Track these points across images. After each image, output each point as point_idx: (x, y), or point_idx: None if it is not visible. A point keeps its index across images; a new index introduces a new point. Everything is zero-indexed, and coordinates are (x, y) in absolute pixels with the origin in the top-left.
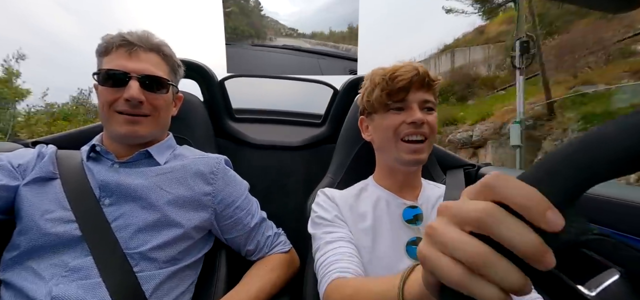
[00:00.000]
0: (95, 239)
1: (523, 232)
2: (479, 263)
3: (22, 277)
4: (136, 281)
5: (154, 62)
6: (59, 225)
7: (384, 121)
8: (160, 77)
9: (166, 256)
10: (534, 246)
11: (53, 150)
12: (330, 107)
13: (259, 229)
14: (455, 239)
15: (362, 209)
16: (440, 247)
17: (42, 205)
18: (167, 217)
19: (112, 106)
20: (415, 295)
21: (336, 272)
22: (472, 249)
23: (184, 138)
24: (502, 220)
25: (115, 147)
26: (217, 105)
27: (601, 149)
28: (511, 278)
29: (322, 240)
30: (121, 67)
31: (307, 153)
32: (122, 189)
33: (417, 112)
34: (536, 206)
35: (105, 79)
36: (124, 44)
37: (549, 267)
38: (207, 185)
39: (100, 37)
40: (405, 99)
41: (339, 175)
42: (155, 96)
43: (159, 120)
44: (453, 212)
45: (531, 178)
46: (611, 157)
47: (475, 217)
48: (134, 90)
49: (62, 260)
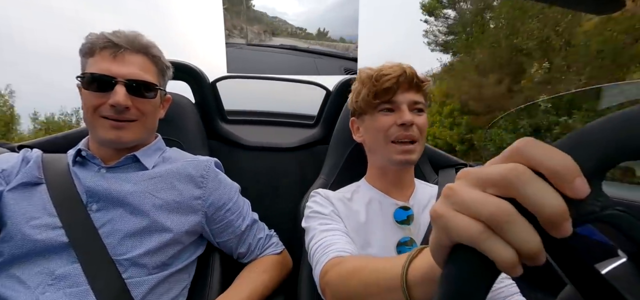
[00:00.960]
0: (82, 245)
1: (550, 194)
2: (502, 219)
3: (6, 287)
4: (125, 288)
5: (141, 65)
6: (44, 231)
7: (374, 123)
8: (148, 81)
9: (156, 262)
10: (559, 209)
11: (38, 154)
12: (323, 108)
13: (251, 231)
14: (477, 197)
15: (355, 210)
16: (458, 207)
17: (27, 211)
18: (155, 222)
19: (97, 111)
20: (419, 278)
21: (334, 252)
22: (496, 205)
23: (175, 140)
24: (528, 180)
25: (102, 152)
26: (209, 107)
27: (635, 125)
28: (530, 240)
29: (316, 230)
30: (106, 71)
31: (300, 154)
32: (109, 194)
33: (407, 113)
34: (566, 172)
35: (89, 83)
36: (109, 45)
37: (566, 234)
38: (197, 189)
39: (84, 37)
40: (394, 100)
41: (332, 177)
42: (142, 101)
43: (145, 124)
44: (475, 175)
45: (565, 145)
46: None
47: (500, 175)
48: (119, 96)
49: (48, 268)
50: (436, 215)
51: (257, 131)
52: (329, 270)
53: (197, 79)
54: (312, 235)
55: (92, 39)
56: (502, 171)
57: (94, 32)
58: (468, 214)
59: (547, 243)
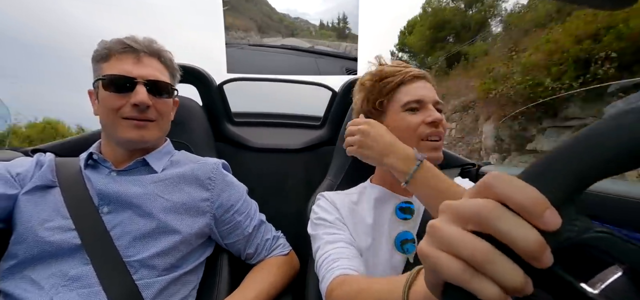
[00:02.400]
0: (94, 247)
1: (522, 228)
2: (479, 259)
3: (21, 288)
4: (136, 289)
5: (157, 68)
6: (58, 233)
7: (400, 123)
8: (165, 82)
9: (165, 263)
10: (533, 242)
11: (51, 158)
12: (329, 109)
13: (258, 232)
14: (457, 236)
15: (362, 211)
16: (440, 245)
17: (42, 213)
18: (165, 224)
19: (118, 112)
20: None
21: (339, 269)
22: (472, 244)
23: (183, 143)
24: (500, 216)
25: (113, 155)
26: (216, 110)
27: (599, 147)
28: (512, 276)
29: (322, 240)
30: (127, 72)
31: (306, 156)
32: (120, 197)
33: (434, 111)
34: (534, 205)
35: (109, 85)
36: (128, 49)
37: (546, 265)
38: (205, 191)
39: (98, 44)
40: (420, 99)
41: (339, 178)
42: (161, 101)
43: (162, 125)
44: (453, 210)
45: (530, 177)
46: (609, 155)
47: (474, 213)
48: (142, 95)
49: (61, 270)
50: (423, 255)
51: (263, 133)
52: (335, 289)
53: (204, 82)
54: (318, 245)
55: (107, 45)
56: (475, 208)
57: (105, 40)
58: (451, 253)
59: (532, 273)
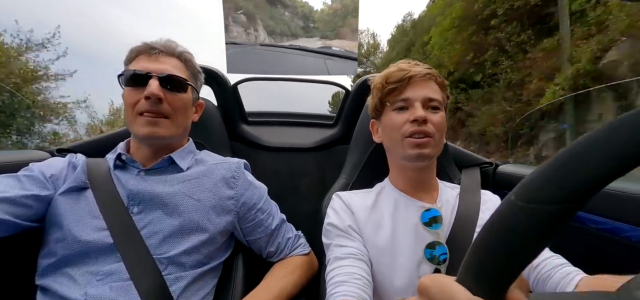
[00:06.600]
0: (126, 246)
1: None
2: None
3: (59, 283)
4: (165, 284)
5: (174, 64)
6: (92, 233)
7: (389, 121)
8: (180, 77)
9: (193, 260)
10: None
11: (84, 160)
12: (342, 107)
13: (280, 231)
14: None
15: (380, 214)
16: None
17: (77, 213)
18: (192, 222)
19: (134, 108)
20: None
21: (340, 296)
22: None
23: (200, 142)
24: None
25: (141, 155)
26: (231, 110)
27: (515, 242)
28: None
29: (333, 253)
30: (143, 68)
31: (320, 154)
32: (149, 196)
33: (419, 109)
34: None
35: (128, 80)
36: (146, 49)
37: None
38: (229, 190)
39: (128, 50)
40: (406, 97)
41: (353, 176)
42: (175, 96)
43: (177, 122)
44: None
45: (461, 277)
46: (527, 253)
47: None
48: (153, 87)
49: (95, 267)
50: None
51: (277, 132)
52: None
53: (219, 83)
54: (328, 257)
55: (134, 48)
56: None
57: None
58: None
59: None
